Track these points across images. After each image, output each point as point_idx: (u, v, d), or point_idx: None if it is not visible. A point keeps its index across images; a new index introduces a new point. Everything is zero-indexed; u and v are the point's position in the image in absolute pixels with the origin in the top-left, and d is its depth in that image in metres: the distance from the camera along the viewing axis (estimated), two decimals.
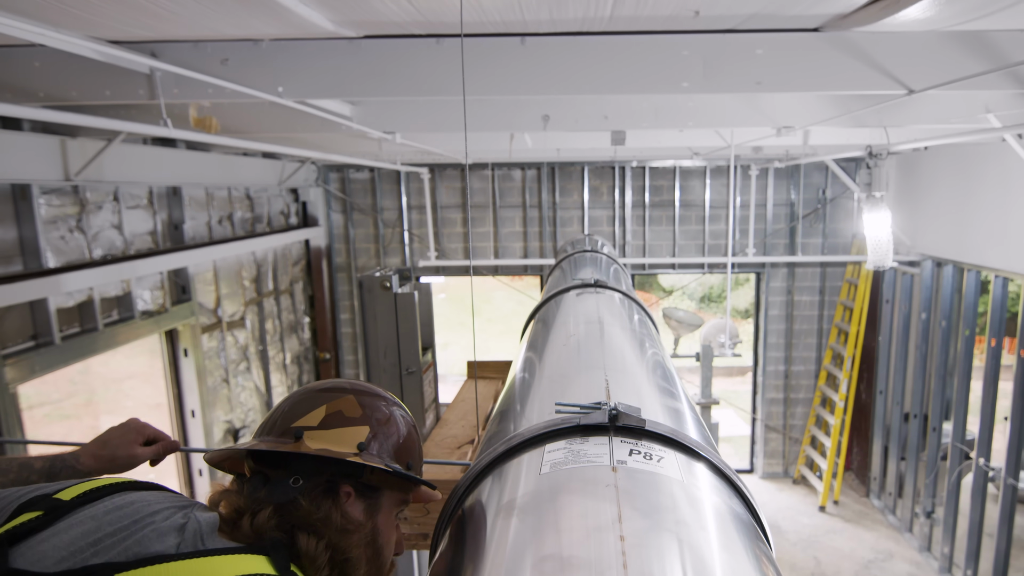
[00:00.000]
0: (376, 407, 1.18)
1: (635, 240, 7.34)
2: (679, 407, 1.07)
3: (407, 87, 2.50)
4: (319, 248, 7.18)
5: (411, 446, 1.20)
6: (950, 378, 5.88)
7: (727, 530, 0.68)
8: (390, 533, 1.15)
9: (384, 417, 1.18)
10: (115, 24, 2.12)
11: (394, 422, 1.19)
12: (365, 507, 1.11)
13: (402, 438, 1.19)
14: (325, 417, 1.12)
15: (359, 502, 1.10)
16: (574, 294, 1.91)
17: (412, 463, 1.19)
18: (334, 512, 1.06)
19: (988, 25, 2.27)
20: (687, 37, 2.39)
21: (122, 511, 0.95)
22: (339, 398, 1.15)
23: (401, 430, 1.19)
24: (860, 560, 6.12)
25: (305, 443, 1.08)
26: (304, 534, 1.01)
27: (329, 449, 1.08)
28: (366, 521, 1.11)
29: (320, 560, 1.02)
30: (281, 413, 1.16)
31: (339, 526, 1.05)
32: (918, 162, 6.32)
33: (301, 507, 1.03)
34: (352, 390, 1.18)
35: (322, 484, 1.07)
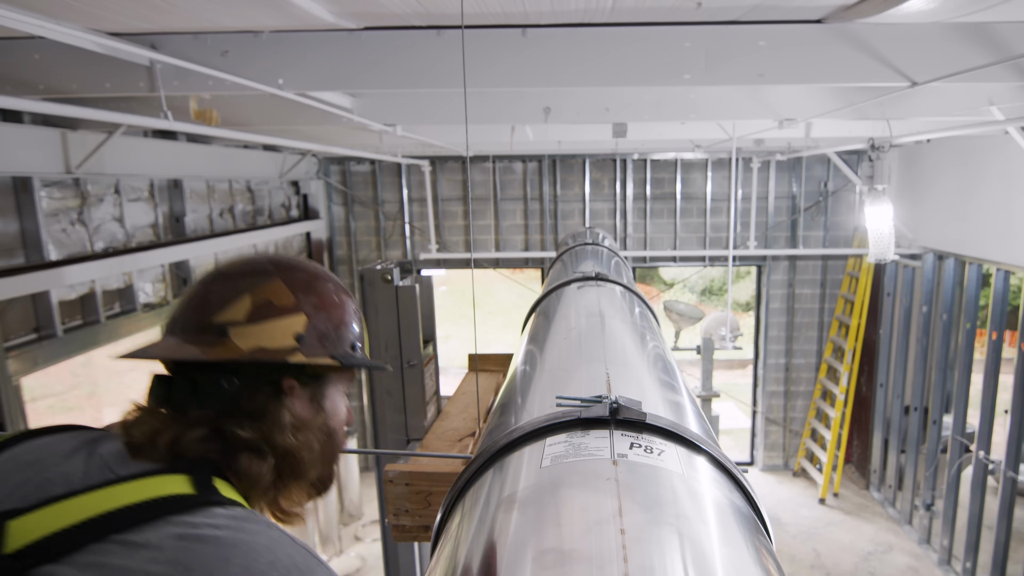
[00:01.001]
0: (308, 288, 1.05)
1: (636, 233, 7.33)
2: (680, 400, 1.08)
3: (408, 79, 2.49)
4: (320, 241, 7.18)
5: (352, 325, 1.09)
6: (951, 371, 5.88)
7: (727, 523, 0.68)
8: (339, 412, 1.09)
9: (319, 300, 1.05)
10: (115, 16, 2.12)
11: (331, 302, 1.07)
12: (311, 397, 1.03)
13: (342, 319, 1.08)
14: (252, 310, 0.98)
15: (304, 392, 1.02)
16: (575, 287, 1.91)
17: (357, 343, 1.09)
18: (281, 412, 0.98)
19: (992, 17, 2.26)
20: (689, 29, 2.38)
21: (20, 460, 0.88)
22: (264, 284, 1.01)
23: (340, 309, 1.08)
24: (860, 552, 6.14)
25: (233, 342, 0.96)
26: (245, 452, 0.93)
27: (264, 348, 0.96)
28: (315, 413, 1.04)
29: (264, 477, 0.93)
30: (196, 304, 1.02)
31: (288, 425, 0.98)
32: (920, 155, 6.30)
33: (240, 412, 0.94)
34: (277, 272, 1.03)
35: (261, 382, 0.97)
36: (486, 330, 14.99)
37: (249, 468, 0.93)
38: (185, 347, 0.98)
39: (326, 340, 1.03)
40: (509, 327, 13.46)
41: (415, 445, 3.22)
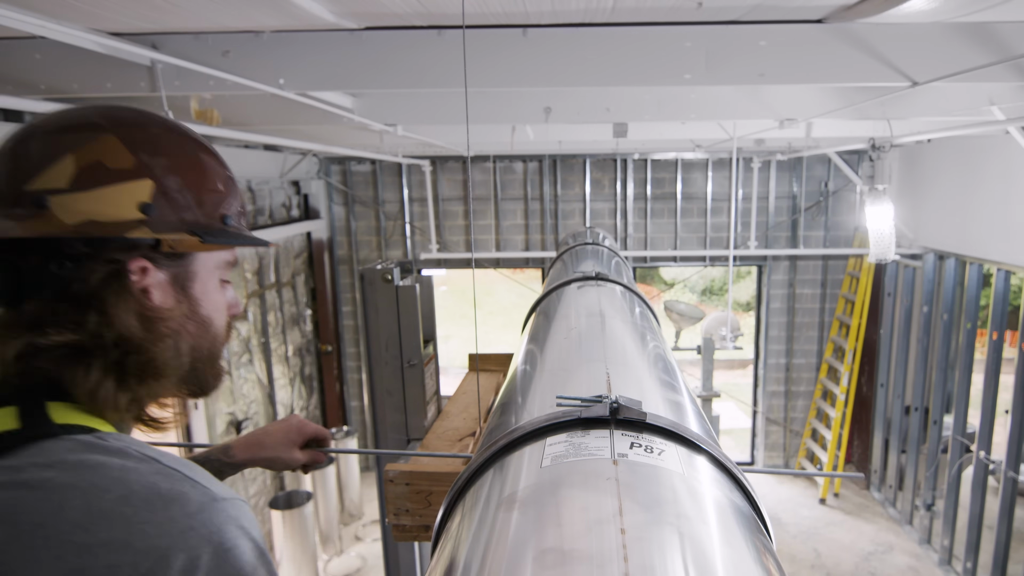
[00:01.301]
0: (154, 146, 0.83)
1: (637, 233, 7.34)
2: (680, 400, 1.08)
3: (408, 79, 2.49)
4: (321, 240, 7.19)
5: (221, 189, 0.90)
6: (951, 371, 5.88)
7: (728, 523, 0.68)
8: (215, 298, 0.92)
9: (171, 160, 0.84)
10: (116, 16, 2.12)
11: (188, 163, 0.87)
12: (172, 279, 0.85)
13: (205, 183, 0.88)
14: (78, 173, 0.77)
15: (162, 275, 0.84)
16: (575, 287, 1.91)
17: (229, 214, 0.91)
18: (122, 301, 0.79)
19: (993, 17, 2.26)
20: (690, 28, 2.38)
21: None
22: (92, 141, 0.79)
23: (201, 172, 0.88)
24: (860, 552, 6.14)
25: (54, 215, 0.75)
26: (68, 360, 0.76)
27: (96, 221, 0.76)
28: (177, 300, 0.86)
29: (102, 387, 0.78)
30: (5, 169, 0.79)
31: (133, 316, 0.80)
32: (921, 155, 6.30)
33: (65, 308, 0.77)
34: (110, 125, 0.81)
35: (101, 264, 0.78)
36: (486, 330, 15.00)
37: (75, 378, 0.77)
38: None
39: (184, 211, 0.84)
40: (509, 327, 13.49)
41: (415, 445, 3.22)
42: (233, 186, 0.94)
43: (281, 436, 1.34)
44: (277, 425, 1.37)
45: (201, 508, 0.70)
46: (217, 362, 0.95)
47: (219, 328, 0.93)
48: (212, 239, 0.86)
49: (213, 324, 0.92)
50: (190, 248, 0.85)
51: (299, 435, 1.37)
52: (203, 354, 0.91)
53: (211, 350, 0.92)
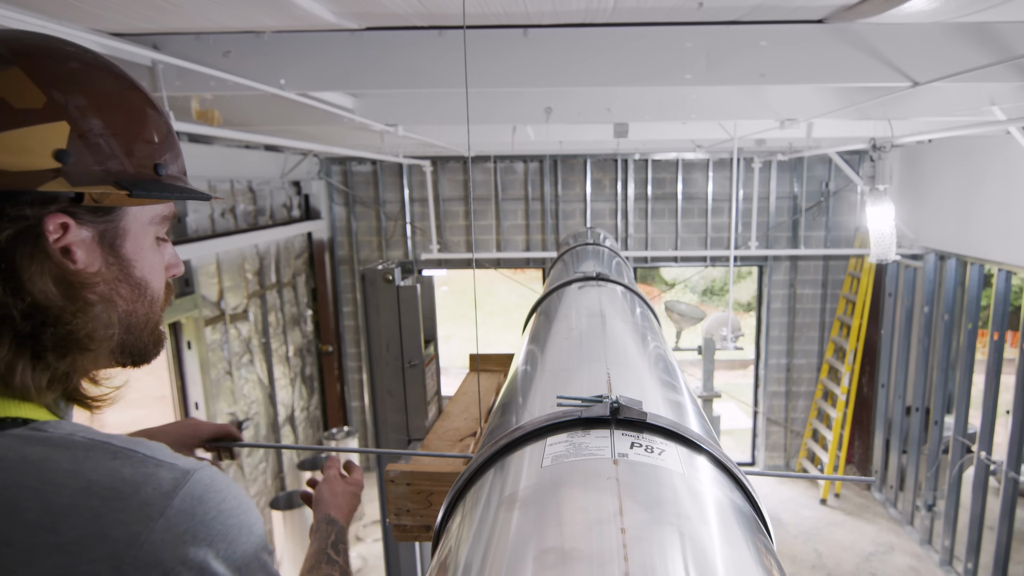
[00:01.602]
0: (71, 83, 0.72)
1: (637, 233, 7.34)
2: (681, 400, 1.08)
3: (409, 79, 2.49)
4: (322, 241, 7.19)
5: (153, 134, 0.79)
6: (952, 371, 5.87)
7: (728, 523, 0.68)
8: (151, 258, 0.82)
9: (92, 99, 0.73)
10: (117, 16, 2.12)
11: (113, 103, 0.75)
12: (98, 237, 0.75)
13: (134, 126, 0.77)
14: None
15: (86, 231, 0.73)
16: (576, 287, 1.91)
17: (162, 162, 0.80)
18: (42, 266, 0.70)
19: (994, 17, 2.26)
20: (691, 29, 2.38)
21: None
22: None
23: (128, 113, 0.77)
24: (861, 553, 6.14)
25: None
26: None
27: (1, 171, 0.66)
28: (105, 261, 0.76)
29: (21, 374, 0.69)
30: None
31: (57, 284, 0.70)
32: (922, 155, 6.30)
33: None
34: (14, 56, 0.69)
35: (8, 222, 0.68)
36: (487, 330, 15.00)
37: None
38: None
39: (108, 159, 0.73)
40: (510, 327, 13.49)
41: (416, 445, 3.22)
42: (168, 131, 0.83)
43: (173, 439, 1.26)
44: (171, 426, 1.33)
45: (175, 485, 0.66)
46: (156, 328, 0.85)
47: (156, 291, 0.84)
48: (142, 192, 0.75)
49: (149, 287, 0.82)
50: (117, 202, 0.74)
51: (194, 438, 1.31)
52: (139, 320, 0.81)
53: (148, 315, 0.83)
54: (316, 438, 7.32)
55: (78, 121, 0.71)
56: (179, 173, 0.84)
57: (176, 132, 0.88)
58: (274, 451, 6.11)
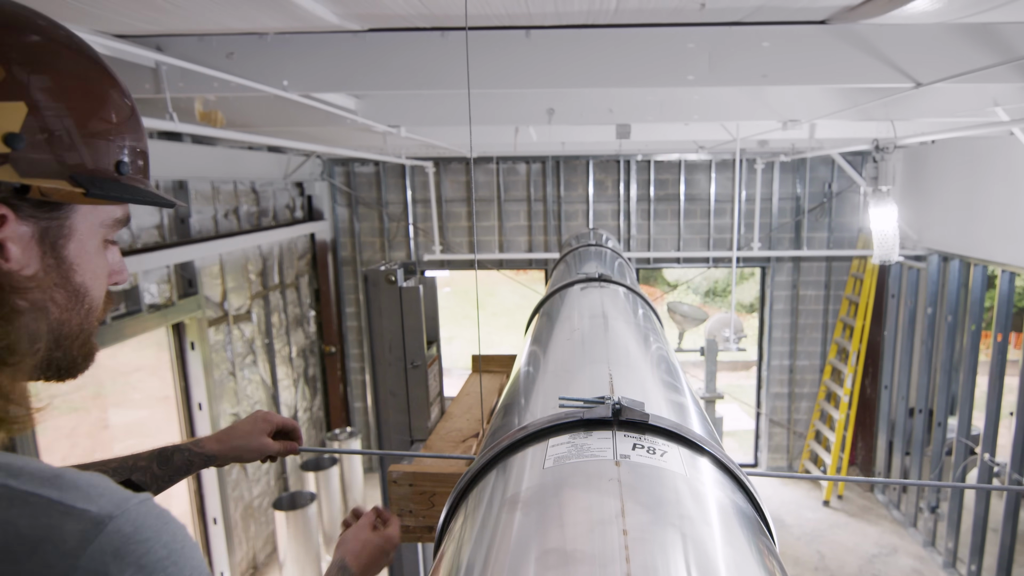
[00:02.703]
0: (35, 56, 0.65)
1: (640, 234, 7.33)
2: (683, 401, 1.08)
3: (412, 80, 2.50)
4: (324, 242, 7.20)
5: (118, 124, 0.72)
6: (955, 373, 5.86)
7: (730, 524, 0.68)
8: (95, 263, 0.73)
9: (55, 79, 0.65)
10: (120, 18, 2.13)
11: (79, 83, 0.68)
12: (39, 235, 0.66)
13: (99, 112, 0.70)
14: None
15: (25, 227, 0.65)
16: (578, 288, 1.91)
17: (126, 160, 0.72)
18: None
19: (997, 17, 2.25)
20: (693, 30, 2.38)
21: None
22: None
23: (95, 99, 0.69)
24: (864, 555, 6.12)
25: None
26: None
27: None
28: (43, 263, 0.67)
29: None
30: None
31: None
32: (925, 156, 6.29)
33: None
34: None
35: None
36: (490, 331, 15.00)
37: None
38: None
39: (66, 150, 0.65)
40: (512, 328, 13.49)
41: (419, 446, 3.22)
42: (135, 122, 0.75)
43: (249, 426, 1.34)
44: (246, 418, 1.38)
45: (82, 540, 0.55)
46: (89, 340, 0.75)
47: (95, 299, 0.74)
48: (99, 192, 0.67)
49: (88, 295, 0.73)
50: (68, 199, 0.66)
51: (268, 424, 1.36)
52: (71, 331, 0.72)
53: (82, 326, 0.73)
54: (319, 439, 7.32)
55: (38, 103, 0.63)
56: (141, 174, 0.76)
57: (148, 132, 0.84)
58: None
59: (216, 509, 5.06)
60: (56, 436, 4.05)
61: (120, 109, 0.73)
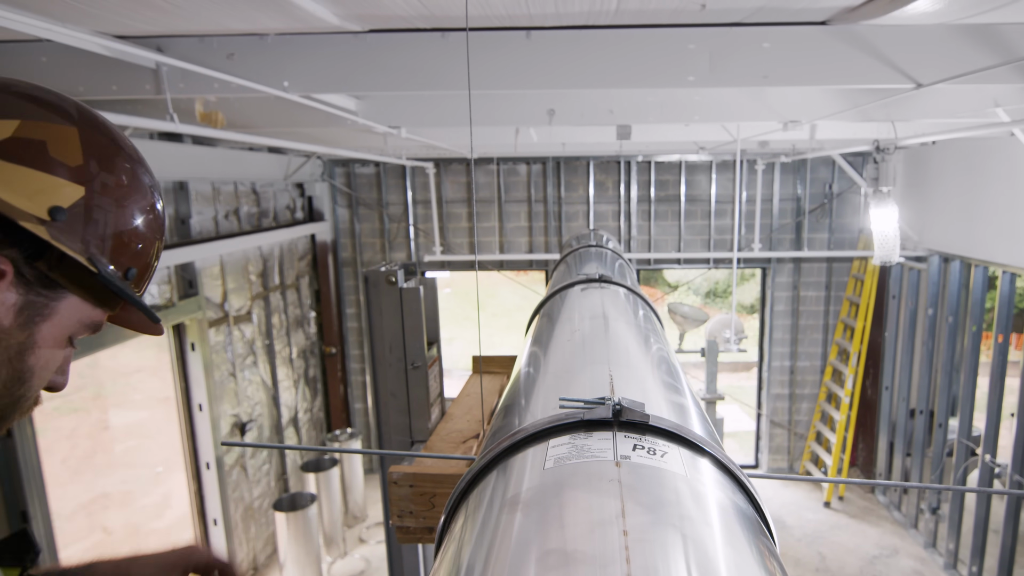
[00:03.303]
0: (110, 161, 0.75)
1: (640, 235, 7.33)
2: (683, 402, 1.07)
3: (412, 81, 2.50)
4: (325, 243, 7.20)
5: (143, 244, 0.79)
6: (956, 374, 5.86)
7: (731, 525, 0.68)
8: (51, 355, 0.76)
9: (117, 181, 0.75)
10: (121, 19, 2.13)
11: (132, 194, 0.77)
12: (23, 305, 0.70)
13: (134, 226, 0.77)
14: (12, 139, 0.68)
15: (14, 295, 0.69)
16: (579, 289, 1.91)
17: (135, 269, 0.79)
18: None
19: (998, 19, 2.25)
20: (693, 30, 2.38)
21: None
22: (50, 121, 0.71)
23: (140, 210, 0.78)
24: (865, 556, 6.12)
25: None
26: None
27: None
28: (16, 325, 0.70)
29: None
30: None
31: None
32: (926, 157, 6.29)
33: None
34: (80, 120, 0.74)
35: None
36: (490, 332, 15.00)
37: None
38: None
39: (92, 237, 0.72)
40: (513, 329, 13.49)
41: (419, 447, 3.22)
42: (158, 242, 0.82)
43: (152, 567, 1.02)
44: (160, 552, 1.06)
45: None
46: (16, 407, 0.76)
47: (34, 386, 0.76)
48: (104, 276, 0.73)
49: (30, 380, 0.74)
50: (72, 281, 0.73)
51: (180, 568, 1.04)
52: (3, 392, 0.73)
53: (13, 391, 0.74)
54: (319, 440, 7.32)
55: (94, 194, 0.72)
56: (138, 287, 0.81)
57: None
58: (277, 453, 6.12)
59: (216, 510, 5.06)
60: (56, 437, 4.05)
61: (154, 226, 0.81)
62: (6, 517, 3.24)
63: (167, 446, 4.89)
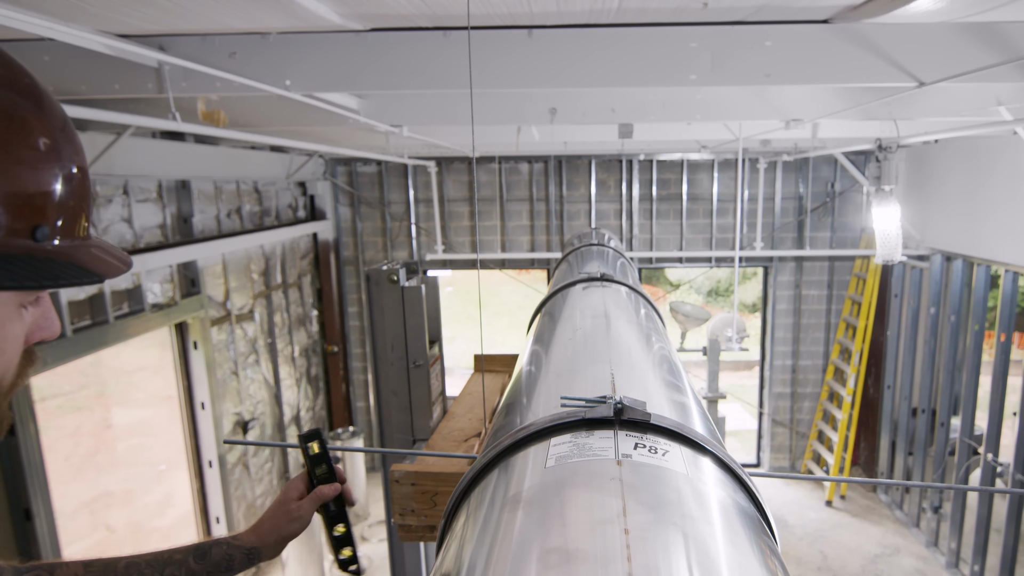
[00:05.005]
0: None
1: (642, 234, 7.33)
2: (685, 401, 1.07)
3: (414, 80, 2.50)
4: (327, 241, 7.21)
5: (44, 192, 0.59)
6: (959, 373, 5.85)
7: (732, 524, 0.68)
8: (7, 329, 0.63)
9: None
10: (123, 18, 2.13)
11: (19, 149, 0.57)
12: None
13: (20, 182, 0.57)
14: None
15: None
16: (580, 288, 1.91)
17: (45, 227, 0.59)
18: None
19: (1000, 17, 2.25)
20: (695, 29, 2.38)
21: None
22: None
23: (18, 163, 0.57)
24: (867, 555, 6.11)
25: None
26: None
27: None
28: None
29: None
30: None
31: None
32: (928, 155, 6.27)
33: None
34: None
35: None
36: (492, 331, 15.00)
37: None
38: None
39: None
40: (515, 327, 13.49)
41: (421, 445, 3.22)
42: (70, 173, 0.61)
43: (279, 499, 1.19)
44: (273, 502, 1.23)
45: None
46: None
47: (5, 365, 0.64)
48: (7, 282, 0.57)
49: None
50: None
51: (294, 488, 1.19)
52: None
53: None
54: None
55: None
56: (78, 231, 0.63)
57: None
58: (280, 451, 6.13)
59: (219, 508, 5.07)
60: (59, 435, 4.06)
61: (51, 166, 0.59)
62: (9, 515, 3.25)
63: (169, 444, 4.90)
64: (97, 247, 0.66)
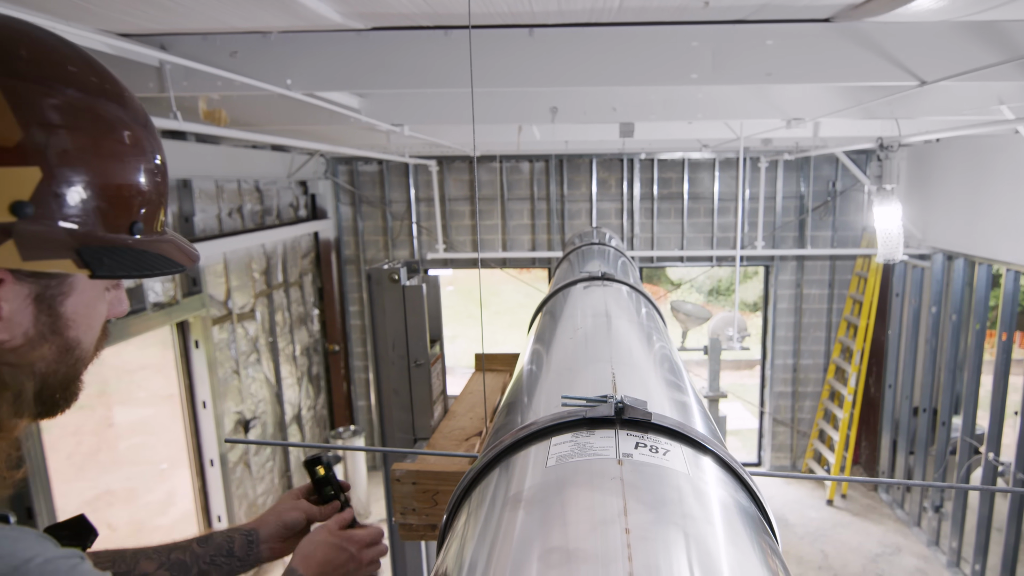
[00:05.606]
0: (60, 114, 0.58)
1: (643, 233, 7.32)
2: (686, 400, 1.07)
3: (415, 79, 2.50)
4: (328, 240, 7.21)
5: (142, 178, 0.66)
6: (960, 372, 5.84)
7: (733, 523, 0.68)
8: (93, 313, 0.69)
9: (77, 137, 0.59)
10: (125, 17, 2.13)
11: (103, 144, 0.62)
12: (36, 295, 0.62)
13: (120, 171, 0.63)
14: None
15: (22, 288, 0.60)
16: (581, 287, 1.91)
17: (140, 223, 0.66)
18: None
19: (1002, 15, 2.24)
20: (696, 28, 2.38)
21: None
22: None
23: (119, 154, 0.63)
24: (868, 554, 6.11)
25: None
26: None
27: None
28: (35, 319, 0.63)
29: None
30: None
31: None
32: (930, 154, 6.27)
33: None
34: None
35: None
36: (493, 330, 15.01)
37: None
38: None
39: (76, 218, 0.59)
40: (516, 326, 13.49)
41: (422, 444, 3.23)
42: (160, 168, 0.68)
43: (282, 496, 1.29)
44: None
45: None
46: (73, 384, 0.72)
47: (87, 349, 0.71)
48: (106, 272, 0.62)
49: (80, 345, 0.69)
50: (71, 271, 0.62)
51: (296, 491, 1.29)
52: (56, 381, 0.69)
53: (68, 375, 0.70)
54: (323, 437, 7.34)
55: (55, 169, 0.57)
56: (158, 226, 0.70)
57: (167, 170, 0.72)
58: (281, 450, 6.14)
59: (220, 507, 5.08)
60: (61, 433, 4.06)
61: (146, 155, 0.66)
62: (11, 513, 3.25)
63: (171, 443, 4.91)
64: (174, 239, 0.73)
